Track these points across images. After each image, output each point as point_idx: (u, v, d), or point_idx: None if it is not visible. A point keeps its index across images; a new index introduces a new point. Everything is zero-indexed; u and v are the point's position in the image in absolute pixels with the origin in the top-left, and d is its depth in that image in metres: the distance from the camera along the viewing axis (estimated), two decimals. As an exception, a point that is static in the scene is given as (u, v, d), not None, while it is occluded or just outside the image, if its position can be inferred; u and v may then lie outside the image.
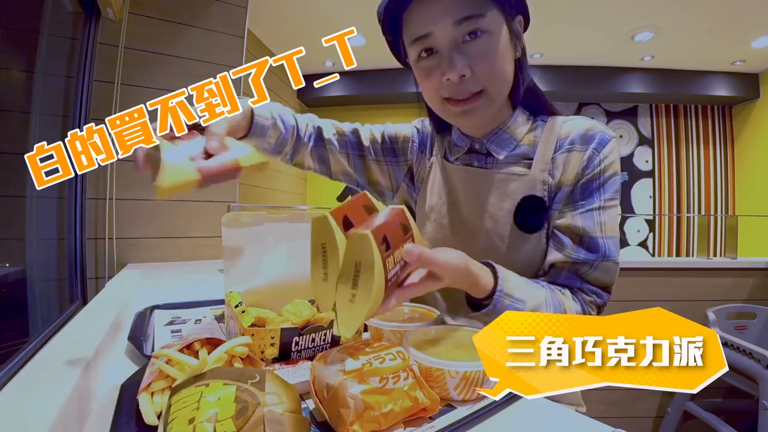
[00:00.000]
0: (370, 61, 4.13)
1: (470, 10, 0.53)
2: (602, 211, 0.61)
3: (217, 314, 0.78)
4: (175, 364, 0.41)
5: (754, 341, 1.70)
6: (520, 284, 0.56)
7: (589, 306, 0.62)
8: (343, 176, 0.80)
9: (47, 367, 0.47)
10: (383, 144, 0.79)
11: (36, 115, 1.18)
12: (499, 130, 0.65)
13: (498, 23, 0.55)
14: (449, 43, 0.55)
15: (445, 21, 0.54)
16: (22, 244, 1.13)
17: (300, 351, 0.54)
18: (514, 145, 0.65)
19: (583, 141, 0.61)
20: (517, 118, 0.65)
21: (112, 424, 0.38)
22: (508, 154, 0.65)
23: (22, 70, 1.17)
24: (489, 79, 0.57)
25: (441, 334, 0.54)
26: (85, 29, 1.46)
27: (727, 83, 3.91)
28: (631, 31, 3.21)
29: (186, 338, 0.47)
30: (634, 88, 3.95)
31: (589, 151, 0.60)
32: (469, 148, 0.68)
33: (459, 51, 0.55)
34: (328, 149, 0.76)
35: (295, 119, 0.74)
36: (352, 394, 0.37)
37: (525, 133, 0.65)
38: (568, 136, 0.62)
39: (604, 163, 0.60)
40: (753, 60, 3.62)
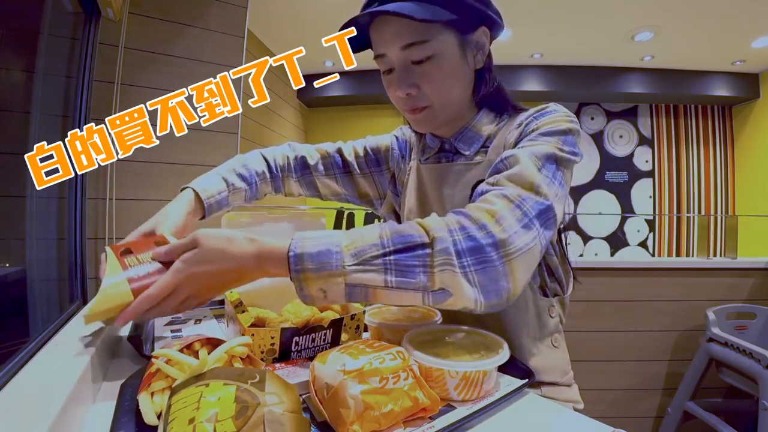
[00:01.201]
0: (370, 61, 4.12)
1: (415, 37, 0.57)
2: (528, 146, 0.54)
3: (216, 314, 0.78)
4: (175, 364, 0.41)
5: (754, 341, 1.70)
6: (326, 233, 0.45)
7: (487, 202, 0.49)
8: (333, 196, 0.86)
9: (47, 367, 0.47)
10: (366, 156, 0.83)
11: (36, 115, 1.18)
12: (465, 129, 0.68)
13: (446, 45, 0.59)
14: (399, 64, 0.61)
15: (395, 45, 0.59)
16: (22, 244, 1.13)
17: (300, 351, 0.54)
18: (482, 142, 0.67)
19: (530, 116, 0.60)
20: (483, 117, 0.68)
21: (112, 424, 0.38)
22: (477, 150, 0.67)
23: (22, 70, 1.17)
24: (434, 96, 0.61)
25: (441, 334, 0.54)
26: (85, 29, 1.45)
27: (727, 83, 3.92)
28: (631, 31, 3.21)
29: (186, 338, 0.47)
30: (634, 88, 3.96)
31: (529, 120, 0.59)
32: (440, 148, 0.71)
33: (407, 72, 0.61)
34: (314, 175, 0.82)
35: (266, 161, 0.80)
36: (352, 394, 0.37)
37: (492, 130, 0.67)
38: (524, 119, 0.61)
39: (540, 121, 0.57)
40: (753, 60, 3.62)
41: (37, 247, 1.21)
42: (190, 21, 1.80)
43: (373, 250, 0.42)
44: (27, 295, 1.07)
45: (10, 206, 1.12)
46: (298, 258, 0.41)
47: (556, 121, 0.56)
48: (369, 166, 0.83)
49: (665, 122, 4.35)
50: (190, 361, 0.41)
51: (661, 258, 3.72)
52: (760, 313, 1.87)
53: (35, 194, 1.16)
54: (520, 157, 0.52)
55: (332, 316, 0.57)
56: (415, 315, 0.64)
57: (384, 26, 0.59)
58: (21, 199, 1.13)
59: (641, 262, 2.06)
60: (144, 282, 0.47)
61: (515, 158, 0.52)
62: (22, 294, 1.06)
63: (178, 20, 1.77)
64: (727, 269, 2.03)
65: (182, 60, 1.77)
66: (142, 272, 0.48)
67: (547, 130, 0.55)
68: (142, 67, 1.69)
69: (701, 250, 2.68)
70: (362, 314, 0.59)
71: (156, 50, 1.72)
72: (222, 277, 0.46)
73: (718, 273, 2.02)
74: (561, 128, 0.56)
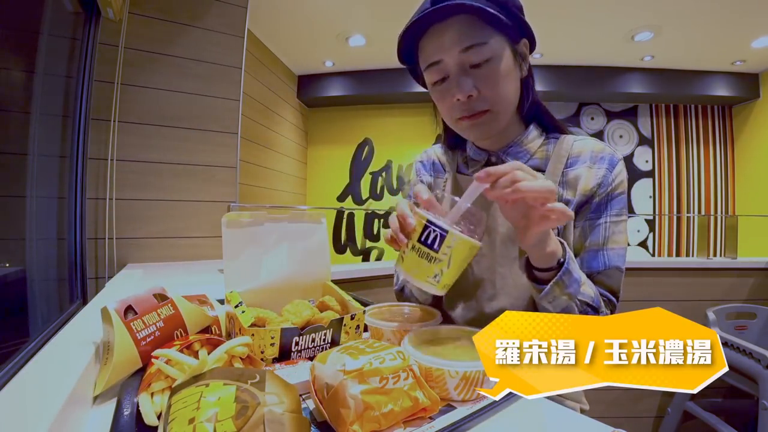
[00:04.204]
0: (370, 61, 4.14)
1: (474, 39, 0.59)
2: (608, 225, 0.65)
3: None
4: (175, 364, 0.41)
5: (754, 341, 1.70)
6: (574, 259, 0.58)
7: (605, 304, 0.65)
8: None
9: (47, 367, 0.47)
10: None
11: (36, 115, 1.18)
12: (513, 144, 0.69)
13: (501, 48, 0.60)
14: (458, 68, 0.61)
15: (453, 49, 0.59)
16: (22, 244, 1.13)
17: (300, 351, 0.54)
18: (527, 158, 0.69)
19: (595, 160, 0.66)
20: (530, 133, 0.70)
21: (112, 424, 0.38)
22: None
23: (22, 70, 1.17)
24: (493, 99, 0.62)
25: (441, 334, 0.54)
26: (85, 29, 1.46)
27: (727, 83, 3.91)
28: (631, 31, 3.21)
29: (186, 338, 0.47)
30: (634, 88, 3.95)
31: (602, 170, 0.65)
32: (486, 161, 0.72)
33: (466, 74, 0.61)
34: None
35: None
36: (352, 394, 0.37)
37: (537, 147, 0.70)
38: (579, 155, 0.67)
39: (615, 182, 0.65)
40: (753, 60, 3.62)
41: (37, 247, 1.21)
42: (190, 21, 1.80)
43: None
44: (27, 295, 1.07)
45: (10, 206, 1.12)
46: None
47: (623, 182, 0.66)
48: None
49: (665, 122, 4.35)
50: (190, 361, 0.41)
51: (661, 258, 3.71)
52: (760, 313, 1.87)
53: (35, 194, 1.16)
54: (600, 257, 0.66)
55: (332, 316, 0.57)
56: (415, 315, 0.64)
57: (442, 31, 0.60)
58: (21, 199, 1.13)
59: (641, 262, 2.06)
60: (150, 345, 0.49)
61: (595, 256, 0.66)
62: (22, 294, 1.06)
63: (178, 20, 1.77)
64: (727, 269, 2.03)
65: (182, 60, 1.77)
66: (148, 334, 0.50)
67: (619, 203, 0.66)
68: (142, 67, 1.69)
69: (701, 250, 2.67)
70: (362, 314, 0.59)
71: (156, 50, 1.72)
72: None
73: (718, 273, 2.02)
74: (625, 195, 0.67)
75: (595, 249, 0.66)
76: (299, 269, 0.68)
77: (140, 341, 0.48)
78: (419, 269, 0.48)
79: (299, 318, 0.57)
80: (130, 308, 0.51)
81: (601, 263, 0.66)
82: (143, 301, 0.52)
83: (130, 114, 1.67)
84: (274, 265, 0.65)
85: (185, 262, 1.75)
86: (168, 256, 1.74)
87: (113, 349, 0.47)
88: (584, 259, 0.66)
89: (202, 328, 0.56)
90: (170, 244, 1.75)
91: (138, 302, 0.51)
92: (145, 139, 1.70)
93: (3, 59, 1.06)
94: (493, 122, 0.64)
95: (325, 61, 3.89)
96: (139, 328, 0.49)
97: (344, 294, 0.65)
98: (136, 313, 0.50)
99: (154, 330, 0.50)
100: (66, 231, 1.40)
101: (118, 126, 1.63)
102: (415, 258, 0.48)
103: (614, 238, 0.66)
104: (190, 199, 1.78)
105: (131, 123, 1.67)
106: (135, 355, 0.47)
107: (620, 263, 0.66)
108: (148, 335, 0.49)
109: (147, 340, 0.49)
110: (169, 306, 0.53)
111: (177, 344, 0.45)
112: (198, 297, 0.63)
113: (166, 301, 0.54)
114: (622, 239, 0.66)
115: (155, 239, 1.72)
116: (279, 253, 0.66)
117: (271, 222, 0.66)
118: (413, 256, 0.48)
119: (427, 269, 0.48)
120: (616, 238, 0.66)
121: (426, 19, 0.59)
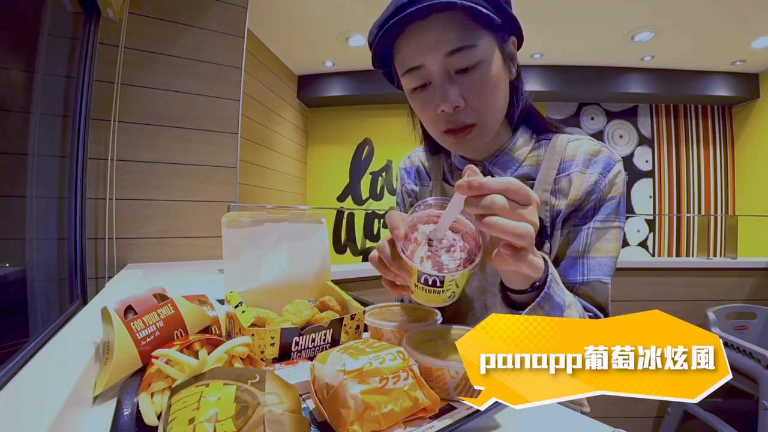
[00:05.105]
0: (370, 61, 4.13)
1: (461, 42, 0.51)
2: (592, 231, 0.60)
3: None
4: (175, 364, 0.41)
5: (754, 341, 1.70)
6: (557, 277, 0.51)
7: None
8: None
9: (47, 367, 0.47)
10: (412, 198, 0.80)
11: (36, 115, 1.18)
12: (500, 153, 0.64)
13: (491, 50, 0.53)
14: (442, 74, 0.54)
15: (437, 53, 0.52)
16: (22, 244, 1.13)
17: (300, 351, 0.54)
18: (516, 166, 0.64)
19: (588, 164, 0.60)
20: (518, 139, 0.64)
21: (112, 425, 0.38)
22: (511, 175, 0.64)
23: (22, 70, 1.17)
24: (482, 109, 0.55)
25: (441, 334, 0.54)
26: (85, 29, 1.46)
27: (727, 83, 3.91)
28: (631, 31, 3.21)
29: (186, 338, 0.47)
30: (634, 88, 3.96)
31: (595, 176, 0.60)
32: None
33: (452, 82, 0.54)
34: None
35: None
36: (352, 394, 0.37)
37: (527, 153, 0.64)
38: (573, 159, 0.61)
39: (608, 187, 0.60)
40: (753, 60, 3.62)
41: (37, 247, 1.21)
42: (190, 21, 1.80)
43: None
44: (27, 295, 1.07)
45: (10, 206, 1.12)
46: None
47: (617, 186, 0.61)
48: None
49: (665, 122, 4.35)
50: (190, 361, 0.41)
51: (661, 258, 3.72)
52: (760, 313, 1.87)
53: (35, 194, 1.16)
54: (579, 265, 0.59)
55: (332, 316, 0.57)
56: (415, 315, 0.64)
57: (423, 32, 0.52)
58: (21, 199, 1.13)
59: (641, 262, 2.06)
60: (150, 345, 0.49)
61: (574, 264, 0.60)
62: (22, 294, 1.06)
63: (178, 20, 1.77)
64: (727, 269, 2.03)
65: (182, 60, 1.77)
66: (148, 334, 0.50)
67: (607, 208, 0.60)
68: (142, 67, 1.69)
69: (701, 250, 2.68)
70: (362, 314, 0.59)
71: (156, 50, 1.72)
72: None
73: (718, 273, 2.02)
74: (620, 197, 0.61)
75: (574, 257, 0.59)
76: (299, 269, 0.68)
77: (140, 341, 0.48)
78: (430, 299, 0.48)
79: (299, 318, 0.57)
80: (130, 308, 0.51)
81: (579, 273, 0.59)
82: (143, 301, 0.52)
83: (130, 114, 1.67)
84: (274, 265, 0.65)
85: (185, 262, 1.75)
86: (168, 256, 1.74)
87: (113, 349, 0.47)
88: (562, 267, 0.60)
89: (202, 328, 0.55)
90: (170, 244, 1.75)
91: (138, 302, 0.51)
92: (145, 139, 1.70)
93: (3, 59, 1.06)
94: (481, 137, 0.58)
95: (325, 61, 3.89)
96: (139, 328, 0.49)
97: (344, 294, 0.65)
98: (136, 313, 0.50)
99: (154, 330, 0.50)
100: (66, 231, 1.40)
101: (118, 126, 1.63)
102: (423, 293, 0.47)
103: (598, 246, 0.59)
104: (190, 199, 1.78)
105: (131, 123, 1.67)
106: (135, 355, 0.47)
107: (602, 274, 0.58)
108: (148, 335, 0.49)
109: (147, 340, 0.49)
110: (169, 306, 0.53)
111: (177, 344, 0.45)
112: (198, 297, 0.63)
113: (166, 301, 0.54)
114: (610, 248, 0.59)
115: (155, 239, 1.72)
116: (279, 253, 0.66)
117: (271, 222, 0.66)
118: (420, 292, 0.48)
119: (437, 298, 0.47)
120: (601, 246, 0.59)
121: (403, 18, 0.50)
